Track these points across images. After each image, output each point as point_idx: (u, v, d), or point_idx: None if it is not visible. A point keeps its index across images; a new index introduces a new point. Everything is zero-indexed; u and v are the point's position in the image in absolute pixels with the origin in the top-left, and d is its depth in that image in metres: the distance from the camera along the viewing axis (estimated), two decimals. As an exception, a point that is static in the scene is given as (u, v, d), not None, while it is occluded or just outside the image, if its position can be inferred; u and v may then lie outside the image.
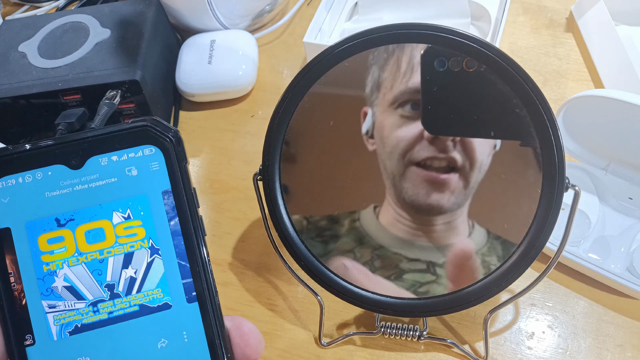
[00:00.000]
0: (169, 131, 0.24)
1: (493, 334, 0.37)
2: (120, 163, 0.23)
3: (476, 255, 0.33)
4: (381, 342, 0.38)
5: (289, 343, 0.38)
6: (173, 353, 0.23)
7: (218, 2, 0.54)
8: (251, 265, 0.43)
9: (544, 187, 0.31)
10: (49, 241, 0.23)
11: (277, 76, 0.57)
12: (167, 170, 0.23)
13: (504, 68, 0.30)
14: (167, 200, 0.23)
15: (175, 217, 0.23)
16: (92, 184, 0.23)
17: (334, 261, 0.35)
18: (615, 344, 0.36)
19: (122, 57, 0.47)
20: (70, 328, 0.23)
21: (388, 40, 0.32)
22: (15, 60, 0.48)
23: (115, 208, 0.23)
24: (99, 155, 0.23)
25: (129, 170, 0.23)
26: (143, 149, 0.23)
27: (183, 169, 0.24)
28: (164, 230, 0.23)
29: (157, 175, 0.23)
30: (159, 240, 0.23)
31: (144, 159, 0.23)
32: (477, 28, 0.55)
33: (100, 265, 0.23)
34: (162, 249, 0.23)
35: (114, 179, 0.23)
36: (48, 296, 0.23)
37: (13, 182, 0.23)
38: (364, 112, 0.33)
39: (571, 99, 0.39)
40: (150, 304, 0.23)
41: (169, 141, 0.23)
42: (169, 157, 0.23)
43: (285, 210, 0.35)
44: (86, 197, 0.23)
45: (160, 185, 0.23)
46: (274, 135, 0.34)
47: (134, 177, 0.23)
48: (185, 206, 0.23)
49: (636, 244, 0.39)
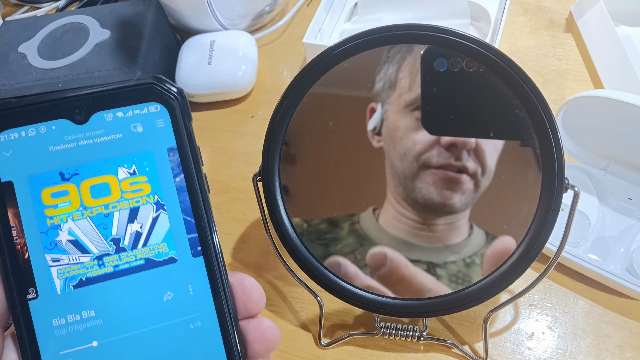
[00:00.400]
0: (174, 89, 0.24)
1: (493, 335, 0.37)
2: (125, 119, 0.23)
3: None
4: (381, 342, 0.38)
5: (288, 344, 0.38)
6: (178, 305, 0.23)
7: (218, 3, 0.54)
8: (251, 265, 0.43)
9: (543, 188, 0.31)
10: (52, 195, 0.23)
11: (276, 77, 0.57)
12: (172, 127, 0.24)
13: (503, 69, 0.30)
14: (173, 157, 0.24)
15: (180, 174, 0.24)
16: (97, 139, 0.23)
17: (333, 261, 0.35)
18: (615, 344, 0.36)
19: (122, 57, 0.47)
20: (75, 282, 0.23)
21: (387, 41, 0.32)
22: (15, 61, 0.48)
23: (121, 164, 0.23)
24: (104, 111, 0.23)
25: (134, 127, 0.23)
26: (148, 106, 0.23)
27: (188, 126, 0.24)
28: (169, 186, 0.24)
29: (162, 132, 0.23)
30: (165, 195, 0.23)
31: (149, 115, 0.23)
32: (476, 28, 0.55)
33: (106, 220, 0.23)
34: (167, 204, 0.23)
35: (119, 135, 0.23)
36: (52, 250, 0.23)
37: (16, 135, 0.23)
38: (371, 107, 0.33)
39: (571, 100, 0.39)
40: (156, 257, 0.23)
41: (174, 99, 0.24)
42: (174, 114, 0.24)
43: (285, 211, 0.35)
44: (91, 152, 0.23)
45: (165, 142, 0.24)
46: (273, 135, 0.34)
47: (139, 134, 0.23)
48: (191, 163, 0.24)
49: (636, 244, 0.39)
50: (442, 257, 0.34)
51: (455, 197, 0.33)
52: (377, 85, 0.33)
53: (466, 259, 0.34)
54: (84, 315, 0.23)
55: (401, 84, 0.32)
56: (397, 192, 0.34)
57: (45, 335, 0.22)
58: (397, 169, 0.33)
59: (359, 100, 0.33)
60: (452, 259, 0.34)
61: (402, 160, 0.33)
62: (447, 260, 0.34)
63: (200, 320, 0.23)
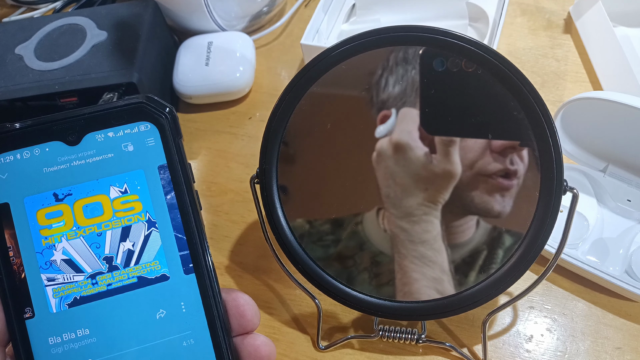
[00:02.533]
0: (164, 108, 0.24)
1: (491, 337, 0.37)
2: (116, 139, 0.24)
3: None
4: (379, 345, 0.38)
5: (286, 346, 0.38)
6: (171, 323, 0.24)
7: (215, 3, 0.54)
8: (249, 268, 0.43)
9: (542, 190, 0.31)
10: (47, 215, 0.23)
11: (274, 78, 0.57)
12: (163, 145, 0.24)
13: (501, 70, 0.30)
14: (163, 174, 0.24)
15: (171, 191, 0.24)
16: (89, 159, 0.24)
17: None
18: (614, 346, 0.36)
19: (119, 59, 0.47)
20: (69, 300, 0.23)
21: (385, 42, 0.31)
22: (12, 63, 0.48)
23: (113, 183, 0.24)
24: (96, 131, 0.24)
25: (125, 146, 0.24)
26: (139, 125, 0.24)
27: (178, 144, 0.24)
28: (160, 204, 0.24)
29: (153, 150, 0.24)
30: (156, 213, 0.24)
31: (139, 135, 0.24)
32: (474, 29, 0.55)
33: (99, 239, 0.24)
34: (159, 222, 0.24)
35: (110, 155, 0.24)
36: (47, 269, 0.23)
37: (11, 158, 0.23)
38: (384, 115, 0.33)
39: (569, 101, 0.39)
40: (149, 275, 0.24)
41: (164, 117, 0.24)
42: (164, 133, 0.24)
43: (282, 213, 0.35)
44: (83, 173, 0.24)
45: (156, 160, 0.24)
46: (271, 138, 0.34)
47: (130, 153, 0.24)
48: (181, 180, 0.24)
49: (634, 246, 0.39)
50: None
51: (492, 201, 0.33)
52: (395, 88, 0.32)
53: (466, 259, 0.34)
54: (79, 333, 0.23)
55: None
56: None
57: (42, 353, 0.23)
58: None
59: (357, 101, 0.33)
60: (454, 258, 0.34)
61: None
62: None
63: (193, 337, 0.24)
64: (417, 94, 0.32)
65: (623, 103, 0.36)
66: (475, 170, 0.32)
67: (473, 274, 0.34)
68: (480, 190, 0.32)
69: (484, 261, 0.33)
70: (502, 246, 0.33)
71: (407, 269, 0.34)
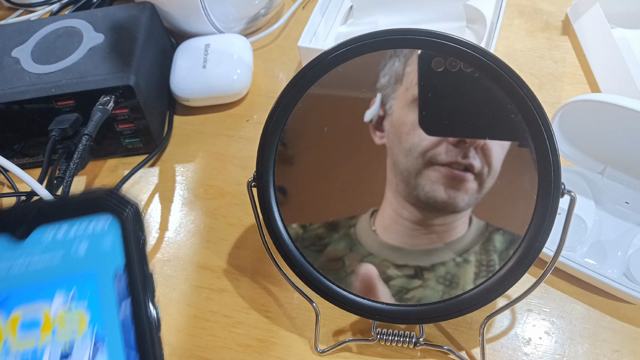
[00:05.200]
0: (127, 204, 0.21)
1: (490, 340, 0.37)
2: (69, 235, 0.21)
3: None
4: (377, 349, 0.37)
5: (284, 350, 0.38)
6: None
7: (212, 6, 0.54)
8: (246, 271, 0.43)
9: (539, 193, 0.31)
10: None
11: (272, 80, 0.57)
12: (123, 247, 0.21)
13: (498, 73, 0.30)
14: (119, 280, 0.21)
15: (126, 299, 0.20)
16: (35, 256, 0.20)
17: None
18: (612, 349, 0.36)
19: (116, 62, 0.47)
20: None
21: (382, 46, 0.31)
22: (9, 66, 0.48)
23: (59, 286, 0.20)
24: (47, 225, 0.21)
25: (78, 244, 0.21)
26: (96, 222, 0.21)
27: (140, 247, 0.21)
28: (111, 315, 0.20)
29: (111, 251, 0.21)
30: (106, 326, 0.20)
31: (96, 232, 0.21)
32: (472, 31, 0.55)
33: (35, 357, 0.20)
34: (108, 337, 0.20)
35: (60, 253, 0.21)
36: None
37: None
38: (372, 101, 0.33)
39: (567, 104, 0.39)
40: None
41: (126, 215, 0.21)
42: (125, 232, 0.21)
43: (279, 216, 0.35)
44: (27, 273, 0.20)
45: (112, 263, 0.21)
46: (268, 141, 0.34)
47: (84, 252, 0.21)
48: (139, 288, 0.20)
49: (633, 248, 0.39)
50: (431, 260, 0.34)
51: (459, 196, 0.32)
52: (382, 79, 0.32)
53: (457, 259, 0.34)
54: None
55: (409, 77, 0.32)
56: (398, 191, 0.33)
57: None
58: (400, 166, 0.33)
59: (354, 103, 0.33)
60: (443, 259, 0.34)
61: (407, 156, 0.33)
62: (436, 262, 0.34)
63: None
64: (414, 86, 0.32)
65: (621, 105, 0.36)
66: (427, 158, 0.32)
67: (471, 277, 0.34)
68: (430, 178, 0.33)
69: (482, 264, 0.33)
70: (499, 249, 0.33)
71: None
